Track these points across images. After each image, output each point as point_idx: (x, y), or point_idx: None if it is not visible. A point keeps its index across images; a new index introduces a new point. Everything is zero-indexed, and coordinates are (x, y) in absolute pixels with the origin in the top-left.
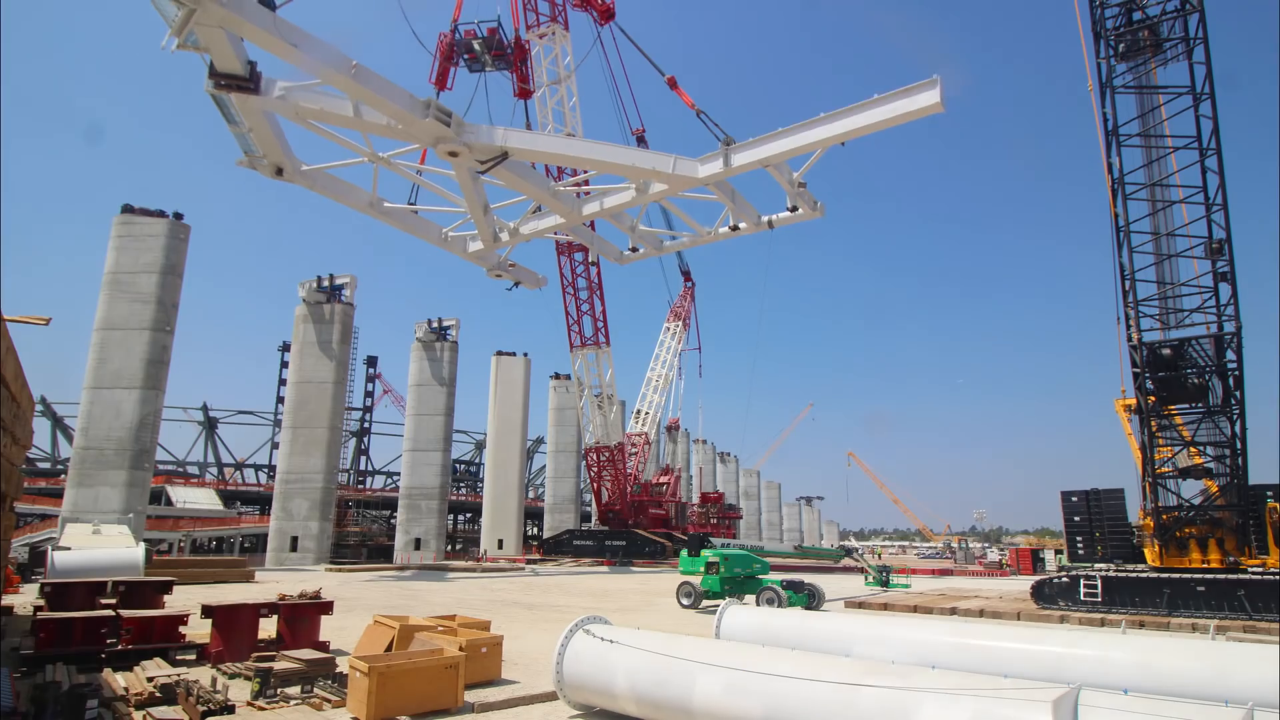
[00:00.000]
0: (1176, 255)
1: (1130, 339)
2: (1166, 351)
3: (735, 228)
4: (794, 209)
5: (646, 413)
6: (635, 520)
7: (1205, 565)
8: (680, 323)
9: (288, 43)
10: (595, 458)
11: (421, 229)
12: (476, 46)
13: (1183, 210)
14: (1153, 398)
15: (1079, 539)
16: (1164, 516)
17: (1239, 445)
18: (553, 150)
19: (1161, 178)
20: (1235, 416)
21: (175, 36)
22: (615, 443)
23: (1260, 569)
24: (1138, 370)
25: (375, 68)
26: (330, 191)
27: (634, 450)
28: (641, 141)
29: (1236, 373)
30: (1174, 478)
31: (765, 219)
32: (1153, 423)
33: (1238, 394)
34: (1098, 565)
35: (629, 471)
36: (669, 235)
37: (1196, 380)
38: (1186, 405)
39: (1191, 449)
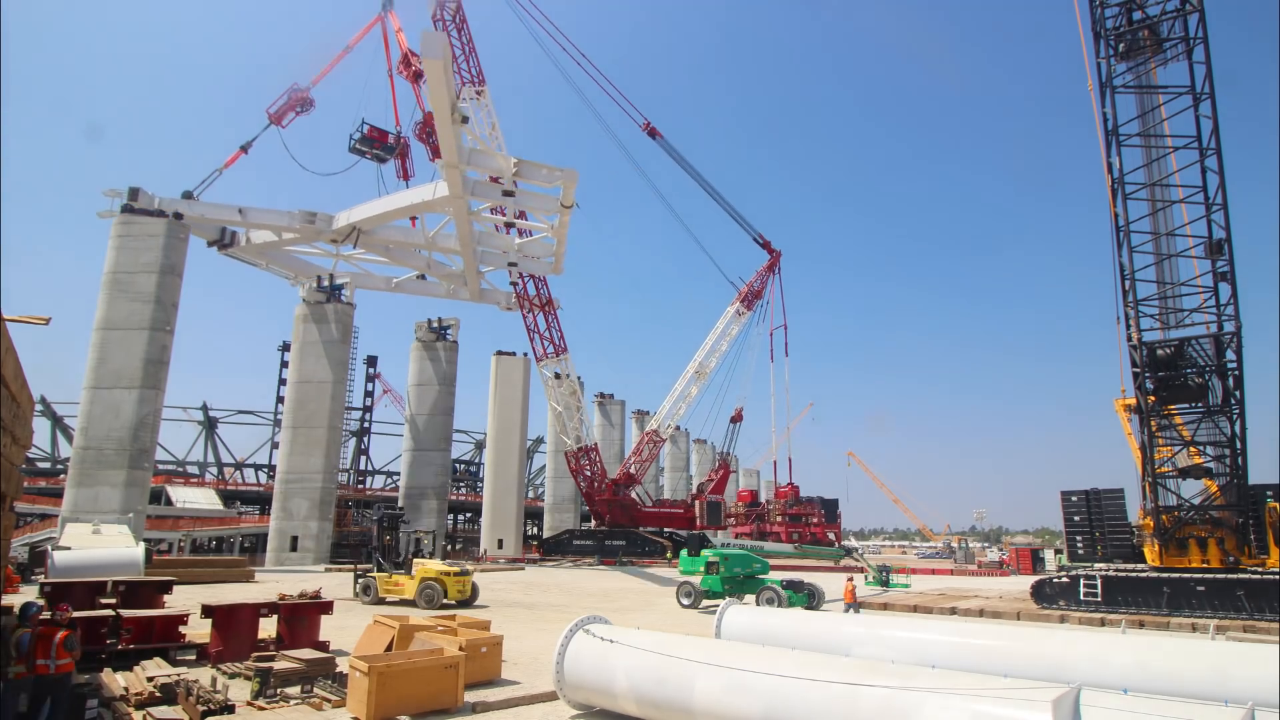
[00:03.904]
0: (1176, 255)
1: (1130, 339)
2: (1167, 351)
3: (513, 221)
4: (515, 171)
5: (664, 410)
6: (619, 519)
7: (1205, 565)
8: (743, 303)
9: (199, 214)
10: (572, 461)
11: (430, 289)
12: (361, 147)
13: (1183, 210)
14: (1153, 398)
15: (1079, 539)
16: (1164, 516)
17: (1239, 445)
18: (374, 212)
19: (1161, 178)
20: (1235, 416)
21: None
22: (582, 445)
23: (1260, 569)
24: (1138, 370)
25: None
26: (357, 285)
27: (636, 451)
28: (653, 135)
29: (1236, 372)
30: (1174, 478)
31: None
32: (1153, 423)
33: (1237, 394)
34: (1098, 565)
35: (628, 471)
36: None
37: (1196, 380)
38: (1186, 405)
39: (1191, 449)
